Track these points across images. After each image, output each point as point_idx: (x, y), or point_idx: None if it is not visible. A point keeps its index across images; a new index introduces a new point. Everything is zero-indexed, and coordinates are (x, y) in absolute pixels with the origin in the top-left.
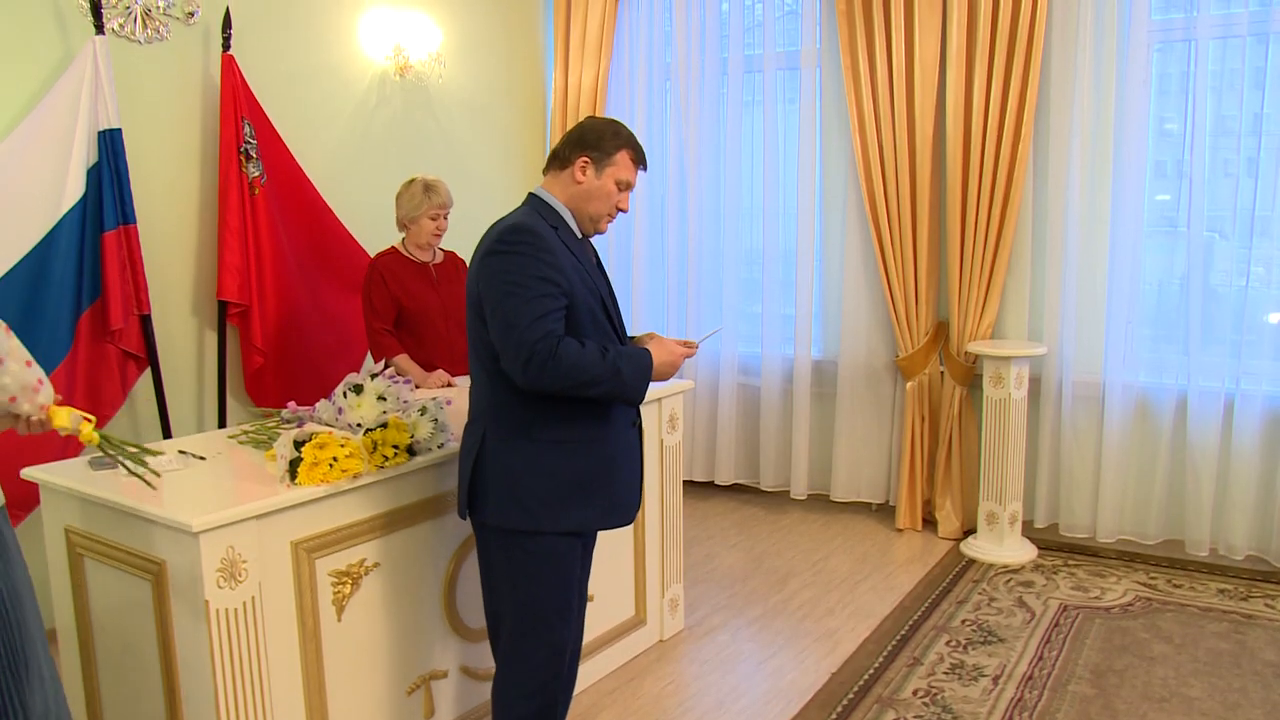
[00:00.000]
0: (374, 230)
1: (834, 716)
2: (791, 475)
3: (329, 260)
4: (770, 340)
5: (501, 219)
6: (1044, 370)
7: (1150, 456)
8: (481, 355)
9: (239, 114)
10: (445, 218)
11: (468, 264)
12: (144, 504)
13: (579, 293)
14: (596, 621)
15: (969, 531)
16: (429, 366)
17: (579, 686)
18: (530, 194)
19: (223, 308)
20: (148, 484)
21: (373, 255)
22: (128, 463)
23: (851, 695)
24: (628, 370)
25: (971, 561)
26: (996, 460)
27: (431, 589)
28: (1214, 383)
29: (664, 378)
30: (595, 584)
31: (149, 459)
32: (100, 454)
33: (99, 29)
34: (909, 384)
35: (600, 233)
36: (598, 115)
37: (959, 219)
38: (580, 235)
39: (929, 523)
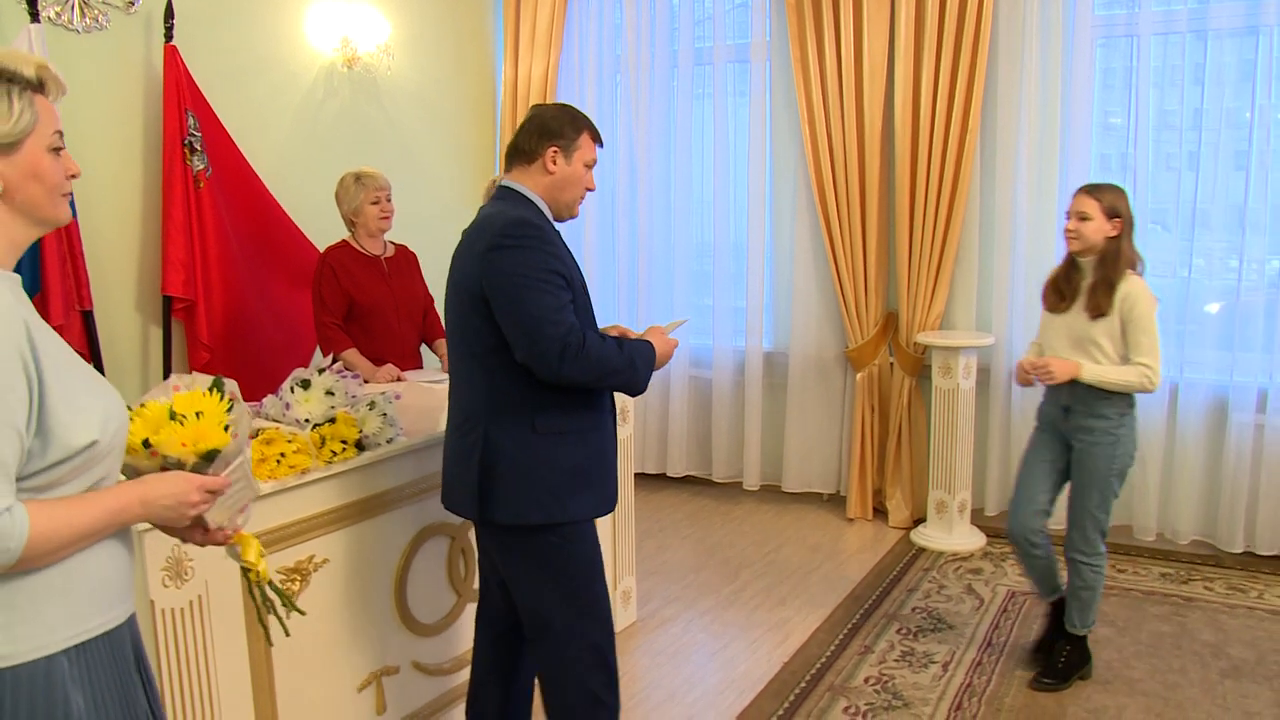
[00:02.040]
0: (322, 224)
1: (786, 706)
2: (743, 466)
3: (276, 254)
4: (721, 332)
5: (491, 213)
6: (992, 360)
7: None
8: (477, 352)
9: (182, 106)
10: (388, 199)
11: (418, 258)
12: None
13: (576, 284)
14: None
15: (919, 520)
16: (379, 361)
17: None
18: (504, 187)
19: (168, 303)
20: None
21: (321, 249)
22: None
23: (804, 684)
24: (639, 361)
25: (921, 550)
26: (945, 449)
27: (382, 584)
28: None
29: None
30: None
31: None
32: None
33: (34, 17)
34: (859, 375)
35: (574, 216)
36: (544, 104)
37: (908, 211)
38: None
39: (879, 512)
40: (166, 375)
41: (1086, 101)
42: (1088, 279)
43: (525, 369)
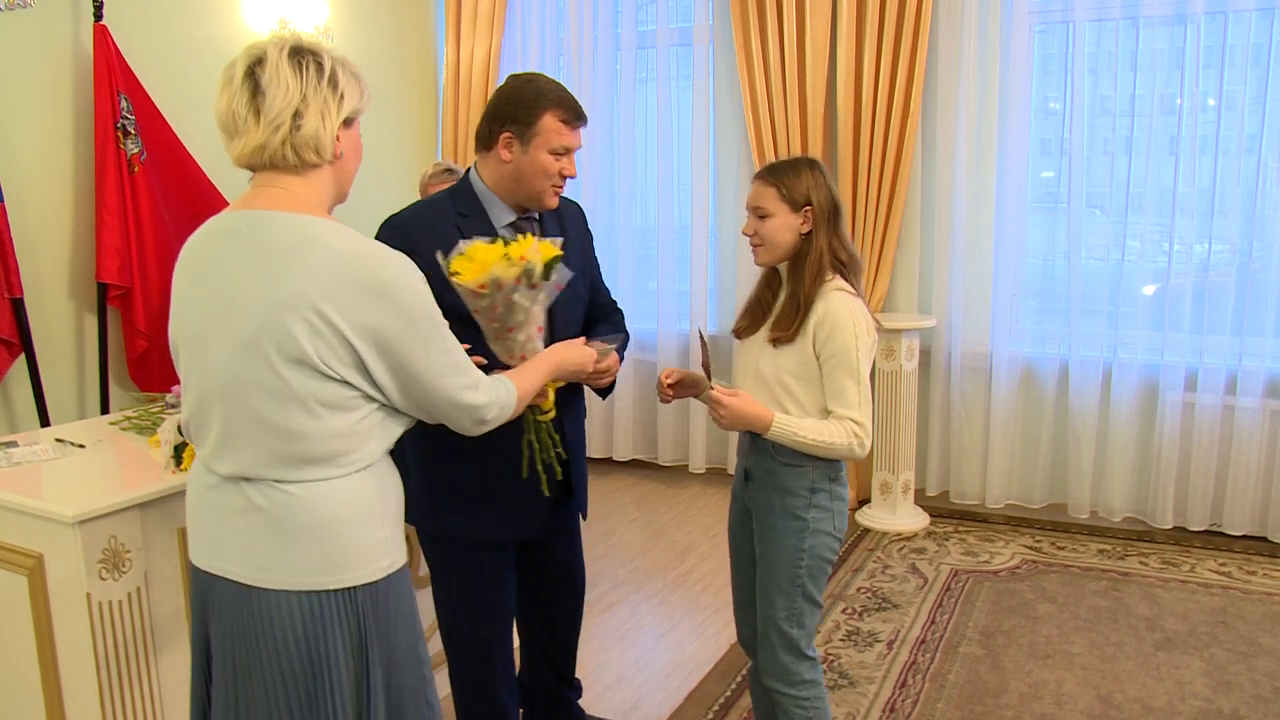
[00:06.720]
0: None
1: (734, 687)
2: (690, 450)
3: None
4: (666, 316)
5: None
6: (934, 342)
7: (1035, 424)
8: None
9: (114, 88)
10: None
11: None
12: (17, 494)
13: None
14: None
15: (863, 501)
16: None
17: None
18: (465, 171)
19: (103, 290)
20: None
21: None
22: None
23: (750, 665)
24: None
25: (866, 530)
26: (889, 431)
27: None
28: (1093, 352)
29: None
30: None
31: None
32: None
33: None
34: None
35: (549, 207)
36: (517, 74)
37: (850, 195)
38: (506, 220)
39: None
40: (103, 364)
41: (1025, 86)
42: (783, 293)
43: None
